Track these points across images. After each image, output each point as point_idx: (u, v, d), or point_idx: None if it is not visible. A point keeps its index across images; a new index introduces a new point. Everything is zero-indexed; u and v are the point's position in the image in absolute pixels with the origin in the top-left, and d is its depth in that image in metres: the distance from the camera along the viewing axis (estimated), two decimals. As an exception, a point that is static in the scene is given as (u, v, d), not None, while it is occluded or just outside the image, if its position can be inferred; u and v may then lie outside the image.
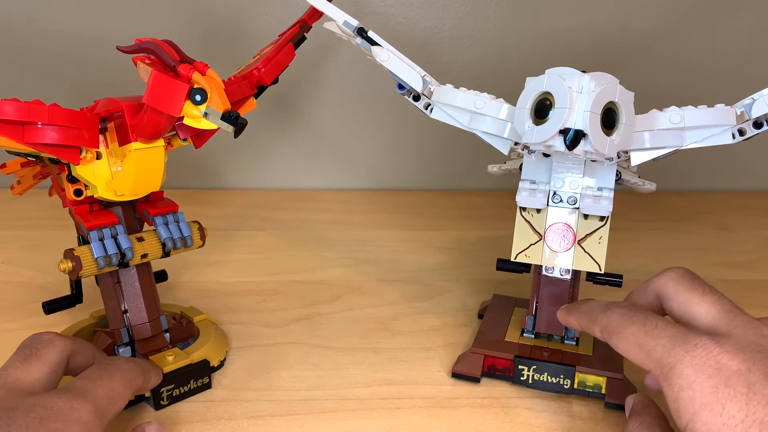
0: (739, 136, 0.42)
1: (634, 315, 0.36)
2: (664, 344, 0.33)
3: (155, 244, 0.44)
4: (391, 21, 0.83)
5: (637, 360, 0.34)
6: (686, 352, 0.32)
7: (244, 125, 0.38)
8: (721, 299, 0.36)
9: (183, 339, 0.48)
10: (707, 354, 0.31)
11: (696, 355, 0.32)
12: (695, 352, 0.32)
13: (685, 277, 0.38)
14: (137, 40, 0.39)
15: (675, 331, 0.33)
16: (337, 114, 0.88)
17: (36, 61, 0.81)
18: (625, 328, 0.35)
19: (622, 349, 0.35)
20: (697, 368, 0.31)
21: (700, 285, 0.37)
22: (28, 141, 0.37)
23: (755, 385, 0.30)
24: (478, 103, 0.45)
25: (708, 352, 0.32)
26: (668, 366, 0.32)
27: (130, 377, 0.38)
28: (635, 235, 0.75)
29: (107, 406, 0.35)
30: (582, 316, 0.40)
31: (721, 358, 0.31)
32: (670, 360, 0.32)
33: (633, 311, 0.36)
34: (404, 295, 0.60)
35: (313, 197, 0.87)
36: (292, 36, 0.50)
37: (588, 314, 0.39)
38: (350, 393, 0.45)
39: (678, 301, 0.37)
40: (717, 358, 0.31)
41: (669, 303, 0.38)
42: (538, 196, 0.45)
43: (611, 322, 0.36)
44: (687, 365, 0.31)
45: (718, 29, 0.85)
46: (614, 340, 0.36)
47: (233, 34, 0.82)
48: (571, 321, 0.41)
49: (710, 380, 0.31)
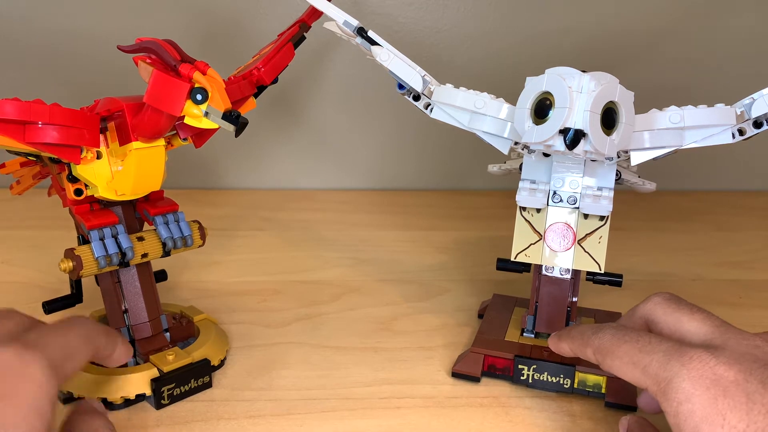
0: (739, 135, 0.42)
1: (626, 334, 0.35)
2: (659, 359, 0.32)
3: (155, 244, 0.44)
4: (391, 21, 0.83)
5: (633, 378, 0.34)
6: (682, 365, 0.31)
7: (245, 124, 0.38)
8: (710, 316, 0.36)
9: (183, 338, 0.48)
10: (704, 366, 0.31)
11: (693, 368, 0.31)
12: (692, 364, 0.31)
13: (671, 300, 0.37)
14: (138, 39, 0.39)
15: (669, 346, 0.33)
16: (337, 114, 0.88)
17: (36, 61, 0.81)
18: (618, 347, 0.35)
19: (617, 368, 0.34)
20: (695, 380, 0.31)
21: (687, 305, 0.37)
22: (29, 140, 0.37)
23: (754, 394, 0.30)
24: (478, 103, 0.45)
25: (704, 363, 0.31)
26: (665, 380, 0.31)
27: (87, 332, 0.34)
28: (635, 235, 0.75)
29: (63, 362, 0.30)
30: (573, 340, 0.39)
31: (717, 369, 0.31)
32: (667, 374, 0.31)
33: (625, 330, 0.36)
34: (404, 295, 0.60)
35: (313, 197, 0.87)
36: (292, 36, 0.50)
37: (579, 338, 0.38)
38: (350, 393, 0.45)
39: (667, 323, 0.36)
40: (714, 370, 0.31)
41: (658, 326, 0.37)
42: (538, 196, 0.45)
43: (603, 342, 0.36)
44: (684, 378, 0.31)
45: (718, 29, 0.85)
46: (608, 360, 0.35)
47: (233, 34, 0.82)
48: (563, 347, 0.40)
49: (708, 392, 0.30)
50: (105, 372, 0.42)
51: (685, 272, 0.66)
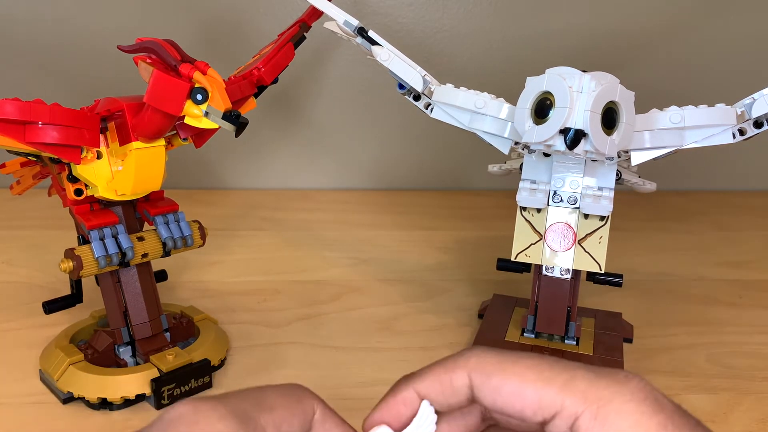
0: (740, 135, 0.42)
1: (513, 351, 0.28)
2: (584, 375, 0.26)
3: (156, 244, 0.44)
4: (391, 21, 0.83)
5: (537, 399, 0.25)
6: (621, 384, 0.26)
7: (245, 124, 0.38)
8: None
9: (183, 338, 0.48)
10: (645, 386, 0.26)
11: (635, 388, 0.25)
12: (632, 384, 0.26)
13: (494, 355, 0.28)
14: (138, 39, 0.39)
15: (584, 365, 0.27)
16: (337, 114, 0.88)
17: (36, 61, 0.81)
18: (514, 363, 0.26)
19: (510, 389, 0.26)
20: (640, 402, 0.25)
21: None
22: (30, 140, 0.37)
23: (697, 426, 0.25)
24: (479, 103, 0.45)
25: (644, 384, 0.26)
26: (603, 400, 0.25)
27: (292, 391, 0.30)
28: (635, 235, 0.75)
29: (256, 413, 0.27)
30: (425, 375, 0.29)
31: (655, 392, 0.26)
32: (603, 393, 0.25)
33: (507, 350, 0.28)
34: (404, 295, 0.60)
35: (313, 197, 0.87)
36: (292, 36, 0.50)
37: (437, 367, 0.28)
38: (350, 393, 0.45)
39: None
40: (653, 393, 0.26)
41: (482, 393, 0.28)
42: (539, 196, 0.45)
43: (486, 359, 0.27)
44: (628, 399, 0.25)
45: (718, 29, 0.85)
46: (496, 379, 0.26)
47: (233, 34, 0.82)
48: (416, 387, 0.29)
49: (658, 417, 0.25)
50: (105, 372, 0.43)
51: (685, 272, 0.66)
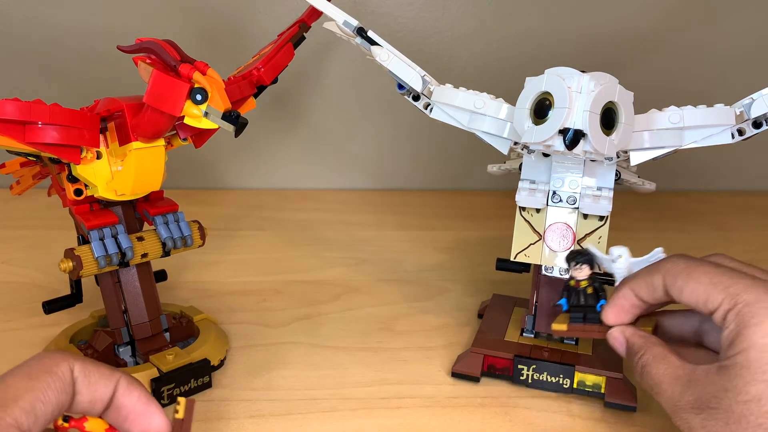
0: (739, 135, 0.42)
1: (703, 261, 0.36)
2: (745, 283, 0.32)
3: (155, 244, 0.44)
4: (391, 21, 0.83)
5: (704, 297, 0.33)
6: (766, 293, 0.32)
7: (245, 125, 0.38)
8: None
9: (183, 338, 0.48)
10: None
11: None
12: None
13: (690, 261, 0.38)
14: (138, 39, 0.39)
15: (750, 277, 0.33)
16: (336, 114, 0.88)
17: (36, 61, 0.81)
18: (696, 269, 0.35)
19: (690, 289, 0.34)
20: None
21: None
22: (29, 141, 0.37)
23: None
24: (478, 103, 0.45)
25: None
26: (745, 302, 0.32)
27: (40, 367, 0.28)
28: (635, 235, 0.75)
29: None
30: (635, 280, 0.38)
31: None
32: (749, 297, 0.32)
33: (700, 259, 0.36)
34: (404, 295, 0.60)
35: (313, 197, 0.87)
36: (292, 36, 0.51)
37: (642, 274, 0.38)
38: (350, 392, 0.45)
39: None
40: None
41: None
42: (538, 196, 0.45)
43: (677, 265, 0.36)
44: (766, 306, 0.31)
45: (718, 29, 0.85)
46: (680, 282, 0.35)
47: (233, 34, 0.82)
48: (609, 313, 0.39)
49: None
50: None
51: (685, 272, 0.66)
